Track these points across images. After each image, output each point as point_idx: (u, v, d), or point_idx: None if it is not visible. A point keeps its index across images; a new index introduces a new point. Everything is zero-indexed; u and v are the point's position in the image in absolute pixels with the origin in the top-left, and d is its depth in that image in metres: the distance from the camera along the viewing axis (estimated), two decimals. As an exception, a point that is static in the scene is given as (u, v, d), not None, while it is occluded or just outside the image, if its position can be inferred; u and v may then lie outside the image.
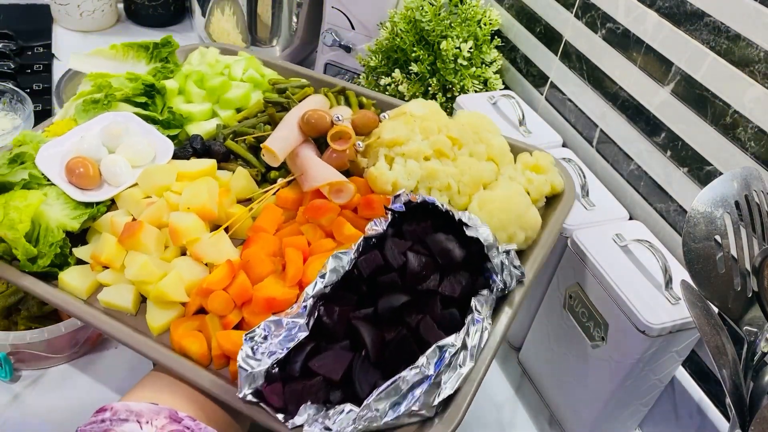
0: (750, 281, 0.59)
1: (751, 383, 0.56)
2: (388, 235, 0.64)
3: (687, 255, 0.61)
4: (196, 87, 0.88)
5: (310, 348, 0.58)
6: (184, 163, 0.77)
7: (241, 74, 0.91)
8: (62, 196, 0.72)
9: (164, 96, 0.86)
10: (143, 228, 0.67)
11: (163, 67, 0.90)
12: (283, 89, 0.88)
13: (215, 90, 0.87)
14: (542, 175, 0.73)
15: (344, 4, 1.16)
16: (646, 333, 0.68)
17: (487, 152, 0.75)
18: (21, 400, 0.78)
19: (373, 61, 1.12)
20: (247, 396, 0.55)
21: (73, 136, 0.78)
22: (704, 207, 0.62)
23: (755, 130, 0.68)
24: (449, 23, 1.05)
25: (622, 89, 0.86)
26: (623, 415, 0.80)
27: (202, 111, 0.86)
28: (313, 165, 0.74)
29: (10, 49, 1.33)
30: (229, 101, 0.87)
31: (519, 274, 0.64)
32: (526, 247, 0.70)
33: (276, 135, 0.75)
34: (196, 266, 0.67)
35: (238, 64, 0.92)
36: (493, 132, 0.77)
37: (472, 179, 0.71)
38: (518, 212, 0.68)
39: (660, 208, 0.82)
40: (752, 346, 0.58)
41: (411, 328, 0.59)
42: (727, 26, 0.70)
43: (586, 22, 0.91)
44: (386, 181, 0.71)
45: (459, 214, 0.63)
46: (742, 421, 0.54)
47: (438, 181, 0.71)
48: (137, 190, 0.73)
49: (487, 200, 0.69)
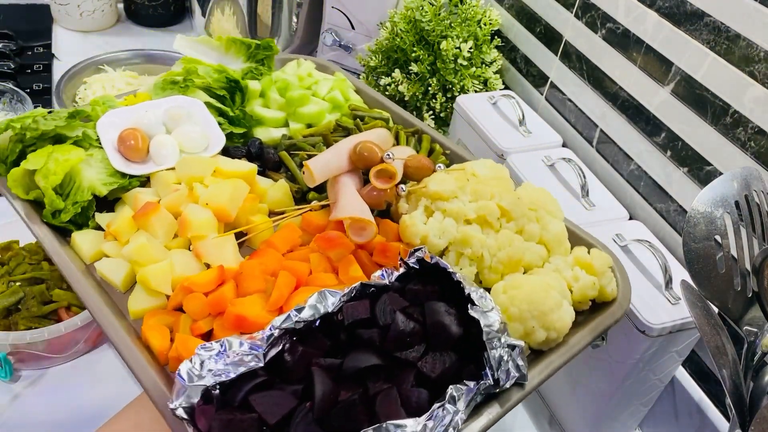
0: (750, 281, 0.59)
1: (751, 383, 0.56)
2: (389, 288, 0.59)
3: (687, 255, 0.61)
4: (277, 94, 0.88)
5: (260, 381, 0.53)
6: (226, 160, 0.76)
7: (324, 92, 0.90)
8: (105, 160, 0.74)
9: (244, 95, 0.86)
10: (157, 211, 0.67)
11: (256, 68, 0.91)
12: (361, 117, 0.87)
13: (293, 101, 0.87)
14: (592, 277, 0.65)
15: (344, 4, 1.16)
16: (646, 333, 0.68)
17: (540, 234, 0.68)
18: (21, 400, 0.78)
19: (373, 61, 1.12)
20: (178, 409, 0.50)
21: (140, 110, 0.79)
22: (704, 207, 0.62)
23: (755, 130, 0.68)
24: (449, 23, 1.05)
25: (622, 89, 0.86)
26: (623, 415, 0.80)
27: (274, 118, 0.86)
28: (346, 196, 0.71)
29: (10, 49, 1.33)
30: (302, 115, 0.87)
31: (518, 376, 0.55)
32: (546, 348, 0.61)
33: (320, 157, 0.73)
34: (194, 263, 0.67)
35: (326, 82, 0.91)
36: (553, 214, 0.70)
37: (509, 257, 0.65)
38: (544, 308, 0.60)
39: (660, 208, 0.82)
40: (752, 346, 0.58)
41: (368, 396, 0.53)
42: (727, 26, 0.70)
43: (586, 22, 0.91)
44: (416, 233, 0.66)
45: (472, 289, 0.57)
46: (742, 420, 0.54)
47: (470, 248, 0.65)
48: (172, 175, 0.74)
49: (515, 285, 0.62)
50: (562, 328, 0.61)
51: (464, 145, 0.99)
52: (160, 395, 0.55)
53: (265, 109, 0.87)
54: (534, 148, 0.92)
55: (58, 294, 0.82)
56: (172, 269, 0.65)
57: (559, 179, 0.86)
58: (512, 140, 0.92)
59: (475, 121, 0.95)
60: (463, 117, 0.98)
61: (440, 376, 0.53)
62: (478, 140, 0.95)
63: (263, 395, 0.52)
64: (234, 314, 0.59)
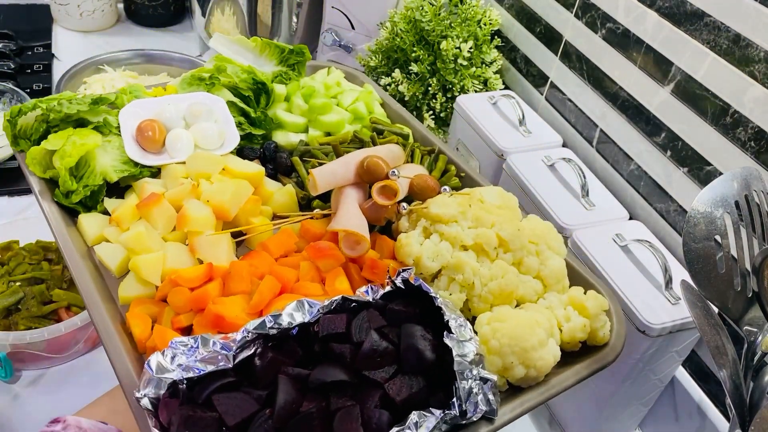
0: (750, 281, 0.59)
1: (751, 383, 0.56)
2: (371, 305, 0.59)
3: (687, 255, 0.61)
4: (301, 100, 0.89)
5: (227, 382, 0.53)
6: (236, 160, 0.77)
7: (348, 103, 0.91)
8: (121, 148, 0.76)
9: (270, 98, 0.87)
10: (159, 202, 0.68)
11: (286, 72, 0.92)
12: (380, 131, 0.87)
13: (315, 108, 0.87)
14: (584, 319, 0.63)
15: (344, 4, 1.16)
16: (646, 333, 0.68)
17: (539, 269, 0.66)
18: (21, 400, 0.78)
19: (373, 61, 1.12)
20: (143, 399, 0.51)
21: (163, 102, 0.81)
22: (704, 207, 0.62)
23: (755, 130, 0.68)
24: (449, 23, 1.05)
25: (622, 89, 0.86)
26: (623, 415, 0.80)
27: (294, 123, 0.87)
28: (347, 208, 0.71)
29: (10, 49, 1.33)
30: (322, 123, 0.87)
31: (487, 410, 0.53)
32: (525, 385, 0.60)
33: (327, 166, 0.73)
34: (187, 257, 0.67)
35: (351, 93, 0.92)
36: (554, 249, 0.68)
37: (501, 288, 0.63)
38: (526, 345, 0.57)
39: (660, 208, 0.82)
40: (752, 346, 0.57)
41: (328, 411, 0.52)
42: (727, 26, 0.70)
43: (586, 22, 0.91)
44: (409, 253, 0.65)
45: (452, 316, 0.55)
46: (742, 421, 0.54)
47: (462, 275, 0.63)
48: (182, 169, 0.75)
49: (500, 317, 0.60)
50: (543, 367, 0.59)
51: (465, 144, 0.99)
52: (131, 383, 0.55)
53: (288, 114, 0.88)
54: (534, 148, 0.92)
55: (58, 294, 0.82)
56: (164, 261, 0.65)
57: (559, 179, 0.86)
58: (512, 140, 0.92)
59: (475, 121, 0.95)
60: (463, 117, 0.98)
61: (406, 401, 0.53)
62: (478, 140, 0.95)
63: (227, 396, 0.52)
64: (213, 313, 0.59)
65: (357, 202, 0.72)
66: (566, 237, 0.79)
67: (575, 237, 0.77)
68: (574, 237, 0.77)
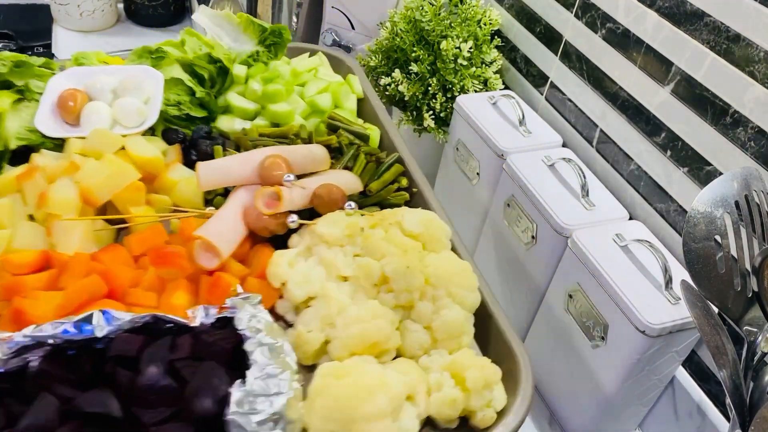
0: (750, 281, 0.59)
1: (751, 383, 0.56)
2: (190, 330, 0.49)
3: (687, 255, 0.61)
4: (258, 83, 0.82)
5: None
6: (136, 142, 0.70)
7: (312, 93, 0.84)
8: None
9: (227, 78, 0.81)
10: (31, 177, 0.63)
11: (262, 52, 0.86)
12: (335, 128, 0.79)
13: (266, 96, 0.81)
14: (457, 391, 0.50)
15: (344, 4, 1.16)
16: (646, 333, 0.68)
17: (431, 318, 0.55)
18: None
19: (373, 61, 1.12)
20: None
21: (97, 73, 0.77)
22: (704, 207, 0.62)
23: (755, 130, 0.68)
24: (449, 23, 1.05)
25: (622, 89, 0.86)
26: (623, 415, 0.80)
27: (243, 108, 0.80)
28: (225, 212, 0.62)
29: (10, 49, 1.33)
30: (271, 112, 0.81)
31: None
32: None
33: (218, 162, 0.66)
34: (40, 238, 0.61)
35: (318, 82, 0.84)
36: (457, 298, 0.56)
37: (362, 335, 0.51)
38: (353, 414, 0.46)
39: (660, 208, 0.82)
40: (752, 346, 0.57)
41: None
42: (727, 26, 0.70)
43: (586, 22, 0.91)
44: (276, 275, 0.57)
45: (267, 363, 0.46)
46: (742, 421, 0.54)
47: (325, 310, 0.53)
48: (80, 144, 0.69)
49: (339, 372, 0.49)
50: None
51: (465, 144, 0.99)
52: None
53: (240, 98, 0.81)
54: (534, 148, 0.92)
55: None
56: (10, 239, 0.59)
57: (559, 179, 0.86)
58: (512, 140, 0.92)
59: (475, 121, 0.95)
60: (463, 117, 0.98)
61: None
62: (478, 140, 0.95)
63: None
64: (15, 307, 0.53)
65: (242, 206, 0.63)
66: (566, 237, 0.79)
67: (575, 237, 0.77)
68: (574, 237, 0.77)
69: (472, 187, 0.98)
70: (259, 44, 0.88)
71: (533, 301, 0.87)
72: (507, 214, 0.89)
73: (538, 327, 0.87)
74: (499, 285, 0.94)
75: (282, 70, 0.84)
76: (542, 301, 0.85)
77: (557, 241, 0.80)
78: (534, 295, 0.87)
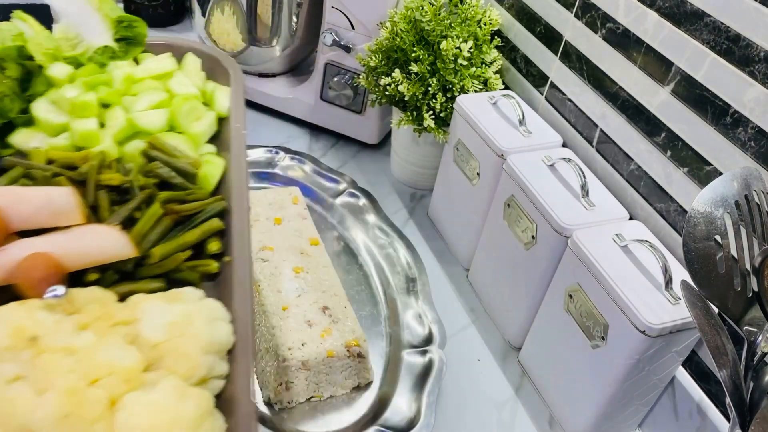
0: (750, 281, 0.59)
1: (751, 383, 0.56)
2: None
3: (687, 255, 0.61)
4: (74, 90, 0.65)
5: None
6: None
7: (143, 107, 0.65)
8: None
9: (35, 80, 0.64)
10: None
11: (119, 49, 0.70)
12: (153, 158, 0.59)
13: (74, 108, 0.63)
14: None
15: (344, 4, 1.16)
16: (646, 333, 0.68)
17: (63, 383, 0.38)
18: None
19: (372, 61, 1.12)
20: None
21: None
22: (704, 207, 0.62)
23: (755, 130, 0.68)
24: (449, 23, 1.05)
25: (622, 89, 0.86)
26: (623, 415, 0.80)
27: (47, 122, 0.62)
28: None
29: (10, 49, 1.33)
30: (74, 131, 0.62)
31: None
32: None
33: None
34: None
35: (151, 95, 0.64)
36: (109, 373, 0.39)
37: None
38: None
39: (660, 208, 0.82)
40: (752, 346, 0.57)
41: None
42: (727, 26, 0.70)
43: (586, 22, 0.91)
44: None
45: None
46: (742, 421, 0.54)
47: None
48: None
49: None
50: None
51: (464, 144, 0.99)
52: None
53: (48, 108, 0.65)
54: (534, 148, 0.92)
55: None
56: None
57: (559, 179, 0.86)
58: (512, 140, 0.92)
59: (475, 121, 0.95)
60: (463, 117, 0.98)
61: None
62: (478, 140, 0.95)
63: None
64: None
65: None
66: (566, 237, 0.79)
67: (575, 237, 0.77)
68: (574, 237, 0.77)
69: (472, 187, 0.98)
70: (116, 35, 0.72)
71: (533, 301, 0.87)
72: (507, 214, 0.89)
73: (537, 327, 0.87)
74: (499, 285, 0.94)
75: (115, 75, 0.67)
76: (542, 301, 0.85)
77: (557, 241, 0.80)
78: (534, 295, 0.87)
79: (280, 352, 0.77)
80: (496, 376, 0.90)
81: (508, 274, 0.92)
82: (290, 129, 1.29)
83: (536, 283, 0.86)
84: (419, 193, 1.20)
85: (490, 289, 0.97)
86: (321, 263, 0.90)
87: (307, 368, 0.78)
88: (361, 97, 1.21)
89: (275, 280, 0.85)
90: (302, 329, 0.79)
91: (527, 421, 0.86)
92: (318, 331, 0.80)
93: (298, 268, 0.87)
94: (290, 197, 1.00)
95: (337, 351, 0.78)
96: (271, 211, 0.96)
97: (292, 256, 0.89)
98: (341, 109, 1.24)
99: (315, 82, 1.26)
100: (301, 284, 0.85)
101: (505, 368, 0.92)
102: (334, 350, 0.78)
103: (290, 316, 0.80)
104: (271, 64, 1.31)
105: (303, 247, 0.91)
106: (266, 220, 0.95)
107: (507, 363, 0.92)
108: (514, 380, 0.90)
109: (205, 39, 1.34)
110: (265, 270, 0.86)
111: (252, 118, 1.32)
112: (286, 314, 0.81)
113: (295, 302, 0.82)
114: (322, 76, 1.23)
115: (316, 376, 0.79)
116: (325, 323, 0.81)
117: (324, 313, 0.82)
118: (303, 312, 0.81)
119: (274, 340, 0.78)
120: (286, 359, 0.76)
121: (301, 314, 0.81)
